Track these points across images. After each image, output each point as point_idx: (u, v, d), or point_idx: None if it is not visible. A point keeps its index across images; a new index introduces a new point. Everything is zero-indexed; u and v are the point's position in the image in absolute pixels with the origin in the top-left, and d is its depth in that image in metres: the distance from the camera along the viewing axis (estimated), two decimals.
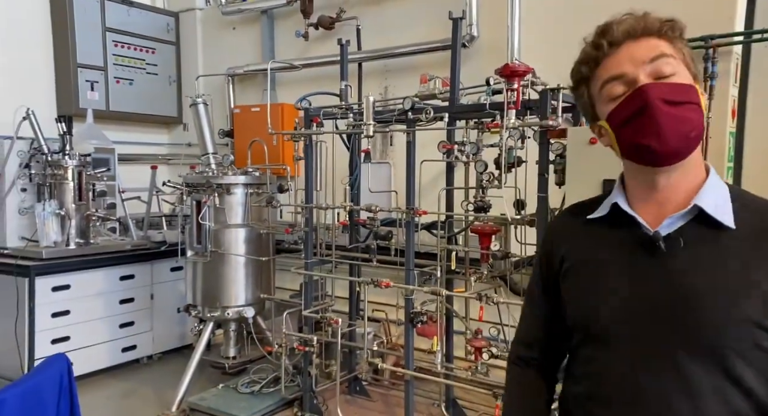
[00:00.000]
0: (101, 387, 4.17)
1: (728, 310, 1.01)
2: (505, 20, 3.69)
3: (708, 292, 1.03)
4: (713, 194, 1.08)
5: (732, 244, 1.05)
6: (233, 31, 5.19)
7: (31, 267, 3.82)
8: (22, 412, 1.41)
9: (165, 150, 5.58)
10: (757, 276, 1.02)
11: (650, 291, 1.07)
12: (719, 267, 1.04)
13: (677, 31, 1.09)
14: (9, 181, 4.04)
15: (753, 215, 1.07)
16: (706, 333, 1.02)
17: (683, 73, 1.06)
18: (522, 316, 1.37)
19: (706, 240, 1.06)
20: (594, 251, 1.17)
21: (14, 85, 4.48)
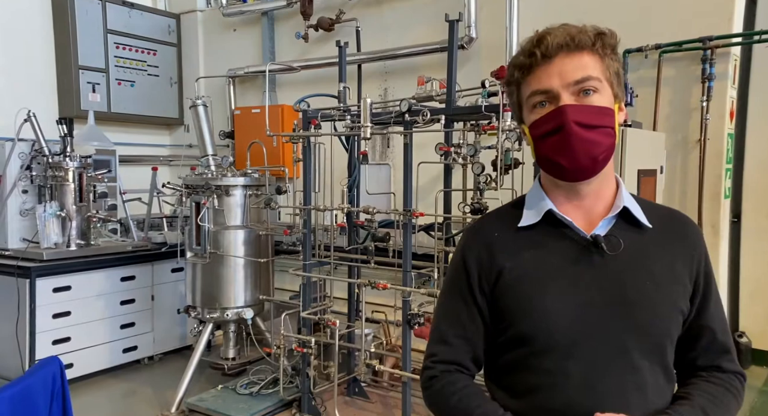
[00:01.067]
0: (102, 387, 4.18)
1: (667, 304, 1.13)
2: (503, 21, 3.69)
3: (649, 289, 1.12)
4: (628, 197, 1.19)
5: (652, 242, 1.17)
6: (234, 32, 5.21)
7: (32, 269, 3.84)
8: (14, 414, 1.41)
9: (167, 151, 5.60)
10: (677, 269, 1.16)
11: (599, 294, 1.12)
12: (650, 264, 1.15)
13: (608, 46, 1.13)
14: (10, 183, 4.06)
15: (653, 213, 1.20)
16: (654, 328, 1.12)
17: (606, 93, 1.12)
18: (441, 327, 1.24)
19: (633, 240, 1.15)
20: (535, 262, 1.16)
21: (16, 87, 4.51)
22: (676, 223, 1.23)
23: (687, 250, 1.19)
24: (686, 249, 1.19)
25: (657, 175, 2.73)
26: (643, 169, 2.52)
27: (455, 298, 1.21)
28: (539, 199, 1.18)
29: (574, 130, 1.07)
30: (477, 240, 1.22)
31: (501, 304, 1.16)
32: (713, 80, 3.17)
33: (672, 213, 1.26)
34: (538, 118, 1.11)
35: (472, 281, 1.19)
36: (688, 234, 1.21)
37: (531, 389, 1.13)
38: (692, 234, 1.22)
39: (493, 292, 1.18)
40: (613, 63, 1.13)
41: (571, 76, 1.09)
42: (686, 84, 3.33)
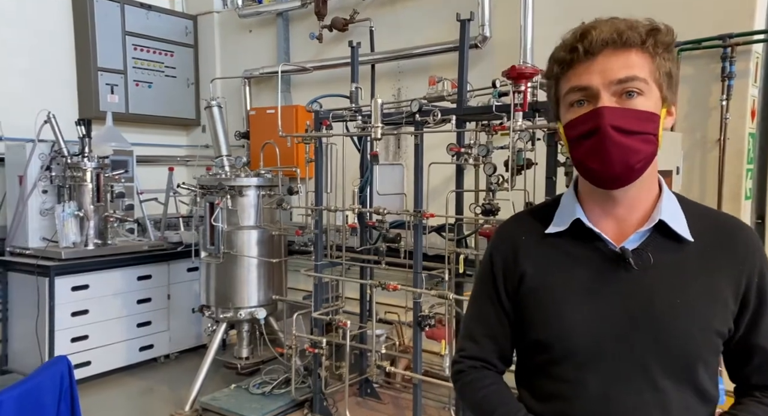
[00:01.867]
0: (119, 385, 4.24)
1: (699, 325, 1.05)
2: (518, 20, 3.64)
3: (679, 307, 1.05)
4: (670, 207, 1.09)
5: (691, 257, 1.08)
6: (250, 33, 5.24)
7: (51, 268, 3.91)
8: (20, 414, 1.43)
9: (184, 151, 5.66)
10: (719, 286, 1.06)
11: (623, 309, 1.06)
12: (685, 281, 1.06)
13: (661, 44, 1.04)
14: (31, 183, 4.14)
15: (700, 223, 1.11)
16: (680, 348, 1.04)
17: (652, 96, 1.04)
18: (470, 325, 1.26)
19: (669, 255, 1.07)
20: (559, 270, 1.13)
21: (39, 89, 4.58)
22: (725, 234, 1.11)
23: (734, 265, 1.08)
24: (733, 264, 1.08)
25: (672, 176, 2.67)
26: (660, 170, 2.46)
27: (483, 298, 1.23)
28: (570, 206, 1.14)
29: (611, 135, 1.00)
30: (505, 241, 1.21)
31: (522, 309, 1.16)
32: (733, 78, 3.09)
33: (723, 222, 1.14)
34: (573, 117, 1.06)
35: (498, 282, 1.19)
36: (737, 246, 1.09)
37: (552, 395, 1.12)
38: (742, 246, 1.10)
39: (516, 296, 1.17)
40: (666, 63, 1.04)
41: (614, 75, 1.01)
42: (705, 82, 3.25)
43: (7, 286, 4.26)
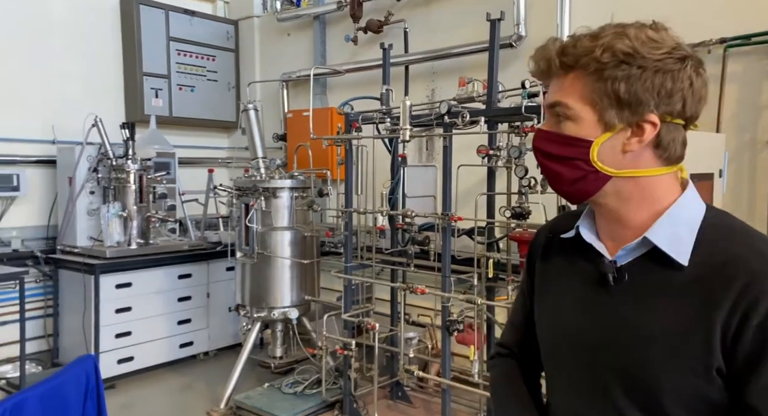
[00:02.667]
0: (160, 380, 4.38)
1: (667, 358, 0.92)
2: (554, 18, 3.55)
3: (649, 336, 0.94)
4: (671, 226, 0.96)
5: (679, 282, 0.94)
6: (288, 37, 5.31)
7: (96, 266, 4.08)
8: (44, 412, 1.49)
9: (225, 153, 5.79)
10: (696, 323, 0.90)
11: (596, 324, 1.02)
12: (662, 306, 0.95)
13: (594, 64, 0.93)
14: (79, 184, 4.33)
15: (709, 247, 0.94)
16: (643, 382, 0.95)
17: (584, 122, 0.96)
18: (510, 312, 1.38)
19: (654, 277, 0.97)
20: (558, 275, 1.12)
21: (89, 94, 4.78)
22: (729, 267, 0.91)
23: (725, 303, 0.89)
24: (724, 302, 0.90)
25: (714, 179, 2.53)
26: (697, 173, 2.34)
27: (520, 287, 1.29)
28: (585, 213, 1.11)
29: (537, 156, 1.03)
30: (538, 238, 1.23)
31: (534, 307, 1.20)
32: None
33: (739, 250, 0.93)
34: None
35: (529, 272, 1.23)
36: (736, 283, 0.89)
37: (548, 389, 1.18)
38: (744, 284, 0.89)
39: (531, 291, 1.21)
40: (606, 84, 0.92)
41: (547, 99, 1.01)
42: (755, 80, 3.08)
43: (58, 283, 4.48)
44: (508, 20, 3.63)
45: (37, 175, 4.54)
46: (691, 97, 0.93)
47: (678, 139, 0.97)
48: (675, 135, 0.96)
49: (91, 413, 1.72)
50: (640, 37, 0.92)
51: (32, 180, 4.48)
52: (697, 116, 0.98)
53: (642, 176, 0.97)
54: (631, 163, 0.96)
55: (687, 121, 0.98)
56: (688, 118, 0.97)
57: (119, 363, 4.24)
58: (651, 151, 0.96)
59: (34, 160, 4.52)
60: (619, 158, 0.96)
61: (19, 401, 1.43)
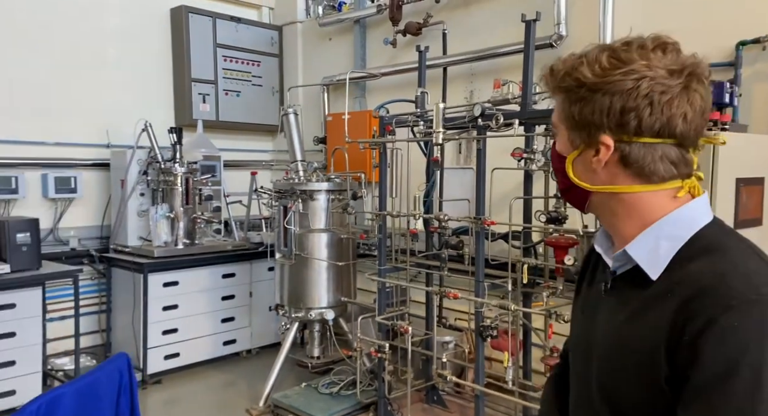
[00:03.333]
0: (204, 377, 4.53)
1: (626, 370, 0.95)
2: (596, 17, 3.45)
3: (614, 346, 0.99)
4: (654, 239, 0.96)
5: (645, 299, 0.95)
6: (329, 41, 5.38)
7: (144, 265, 4.25)
8: (79, 408, 1.57)
9: (269, 156, 5.92)
10: (652, 340, 0.90)
11: (583, 335, 1.09)
12: (630, 320, 0.96)
13: (563, 84, 0.97)
14: (130, 187, 4.53)
15: (685, 264, 0.92)
16: (611, 391, 0.99)
17: (561, 138, 1.04)
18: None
19: (629, 290, 0.99)
20: (588, 285, 1.16)
21: (141, 100, 4.99)
22: (681, 287, 0.89)
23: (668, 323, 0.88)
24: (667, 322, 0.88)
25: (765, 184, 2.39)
26: (745, 177, 2.22)
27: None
28: None
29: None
30: (592, 245, 1.25)
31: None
32: None
33: (691, 274, 0.90)
34: None
35: (577, 285, 1.27)
36: (678, 303, 0.88)
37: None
38: (681, 304, 0.87)
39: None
40: (569, 106, 0.97)
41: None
42: None
43: (111, 280, 4.70)
44: (548, 20, 3.58)
45: (93, 178, 4.77)
46: (649, 116, 0.91)
47: (658, 157, 0.94)
48: (651, 153, 0.94)
49: (124, 408, 1.80)
50: (599, 60, 0.93)
51: (88, 182, 4.72)
52: (679, 133, 0.93)
53: (621, 193, 0.98)
54: (608, 180, 0.98)
55: (674, 138, 0.93)
56: (666, 135, 0.93)
57: (166, 359, 4.41)
58: (621, 170, 0.96)
59: (90, 164, 4.75)
60: (592, 175, 0.99)
61: (55, 396, 1.52)
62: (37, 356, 3.88)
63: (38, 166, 4.46)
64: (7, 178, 4.23)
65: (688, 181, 0.98)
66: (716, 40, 3.06)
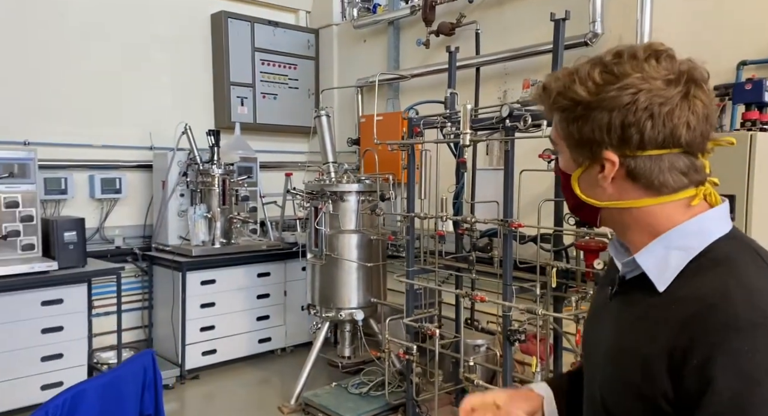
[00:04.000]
0: (240, 373, 4.63)
1: (624, 381, 0.94)
2: (634, 14, 3.34)
3: (612, 355, 0.98)
4: (664, 249, 0.94)
5: (649, 310, 0.93)
6: (364, 43, 5.41)
7: (183, 263, 4.38)
8: (103, 402, 1.64)
9: (305, 157, 6.00)
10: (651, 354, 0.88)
11: (600, 338, 1.05)
12: (632, 329, 0.95)
13: (556, 104, 0.96)
14: (171, 187, 4.68)
15: (692, 278, 0.90)
16: (604, 398, 0.99)
17: (563, 155, 1.01)
18: None
19: (634, 298, 0.98)
20: (601, 290, 1.15)
21: (182, 104, 5.14)
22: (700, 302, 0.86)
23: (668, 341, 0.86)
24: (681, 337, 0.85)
25: None
26: None
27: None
28: None
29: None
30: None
31: None
32: None
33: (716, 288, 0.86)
34: None
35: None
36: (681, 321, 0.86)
37: None
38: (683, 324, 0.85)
39: None
40: (569, 125, 0.94)
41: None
42: None
43: (152, 278, 4.87)
44: (583, 17, 3.49)
45: (136, 179, 4.95)
46: (651, 129, 0.89)
47: (666, 168, 0.91)
48: (658, 165, 0.91)
49: (149, 404, 1.86)
50: (592, 76, 0.91)
51: (132, 183, 4.90)
52: (684, 142, 0.90)
53: (631, 207, 0.95)
54: (616, 195, 0.96)
55: (680, 147, 0.90)
56: (672, 145, 0.90)
57: (203, 355, 4.54)
58: (630, 184, 0.94)
59: (134, 165, 4.93)
60: (599, 191, 0.97)
61: (80, 391, 1.58)
62: (83, 349, 4.06)
63: (86, 168, 4.66)
64: (58, 179, 4.44)
65: (702, 187, 0.95)
66: (756, 35, 2.92)
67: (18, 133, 4.29)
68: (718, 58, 2.95)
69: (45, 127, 4.44)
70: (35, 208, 3.90)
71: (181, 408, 4.15)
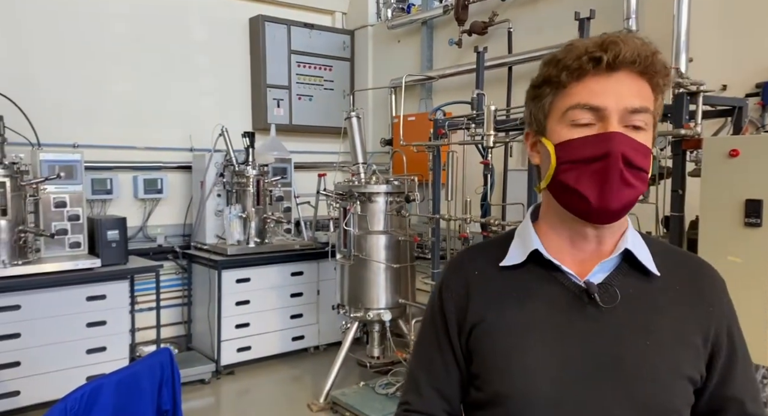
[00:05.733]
0: (273, 371, 4.73)
1: (671, 370, 0.93)
2: (670, 10, 3.22)
3: (649, 350, 0.93)
4: (635, 241, 1.00)
5: (659, 294, 0.98)
6: (398, 43, 5.41)
7: (219, 262, 4.51)
8: (120, 397, 1.71)
9: (339, 158, 6.05)
10: (688, 328, 0.97)
11: (588, 353, 0.94)
12: (654, 320, 0.95)
13: (667, 84, 0.97)
14: (208, 188, 4.83)
15: (666, 260, 1.01)
16: (653, 398, 0.92)
17: (650, 134, 0.95)
18: (415, 374, 1.12)
19: (636, 291, 0.96)
20: (517, 309, 0.99)
21: (221, 106, 5.29)
22: (692, 274, 1.03)
23: (703, 306, 1.00)
24: (702, 305, 1.00)
25: None
26: None
27: (431, 343, 1.09)
28: (527, 237, 1.02)
29: (618, 164, 0.89)
30: (456, 278, 1.08)
31: (476, 356, 1.02)
32: None
33: (689, 260, 1.07)
34: (576, 138, 0.92)
35: (449, 325, 1.05)
36: (705, 286, 1.02)
37: None
38: (711, 286, 1.02)
39: (468, 341, 1.03)
40: (660, 108, 0.98)
41: (629, 102, 0.90)
42: None
43: (191, 276, 5.04)
44: (617, 14, 3.40)
45: (177, 179, 5.12)
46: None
47: None
48: None
49: (166, 399, 1.93)
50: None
51: (173, 184, 5.07)
52: None
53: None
54: None
55: None
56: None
57: (238, 352, 4.66)
58: None
59: (174, 166, 5.10)
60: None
61: (97, 385, 1.66)
62: (125, 343, 4.23)
63: (130, 169, 4.86)
64: (103, 179, 4.65)
65: None
66: None
67: (67, 136, 4.51)
68: (758, 56, 2.81)
69: (92, 130, 4.65)
70: (82, 208, 4.10)
71: (217, 402, 4.28)
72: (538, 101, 1.02)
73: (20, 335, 3.70)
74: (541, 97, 1.01)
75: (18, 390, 3.70)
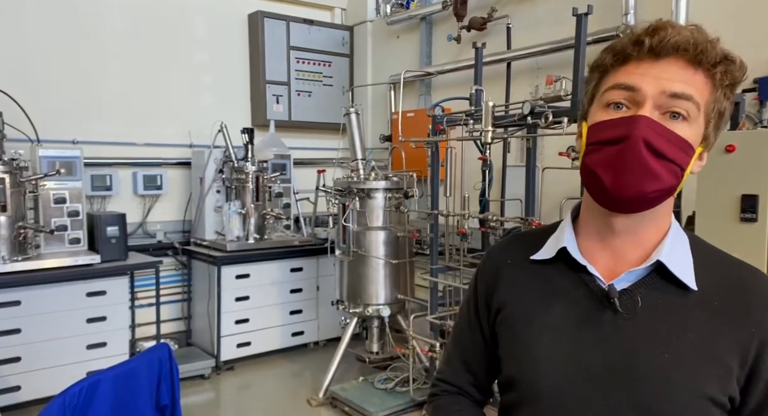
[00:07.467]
0: (273, 366, 4.75)
1: (688, 388, 0.87)
2: (669, 6, 3.21)
3: (665, 364, 0.88)
4: (675, 248, 0.95)
5: (691, 308, 0.92)
6: (397, 39, 5.40)
7: (218, 258, 4.52)
8: (118, 392, 1.72)
9: (339, 154, 6.05)
10: (720, 348, 0.89)
11: (601, 356, 0.93)
12: (678, 334, 0.90)
13: (730, 77, 0.89)
14: (207, 184, 4.83)
15: (712, 272, 0.95)
16: (661, 411, 0.88)
17: (696, 127, 0.89)
18: (450, 348, 1.23)
19: (664, 302, 0.91)
20: (539, 302, 1.01)
21: (220, 102, 5.29)
22: (742, 288, 0.93)
23: (746, 325, 0.90)
24: (745, 324, 0.90)
25: None
26: None
27: (464, 320, 1.18)
28: (562, 231, 1.03)
29: (638, 149, 0.85)
30: (491, 263, 1.14)
31: (500, 339, 1.08)
32: None
33: (742, 272, 0.96)
34: (605, 119, 0.90)
35: (479, 307, 1.13)
36: (753, 303, 0.92)
37: None
38: (763, 305, 0.92)
39: (493, 324, 1.09)
40: (724, 101, 0.90)
41: (669, 86, 0.86)
42: None
43: (191, 272, 5.05)
44: (615, 9, 3.39)
45: (176, 176, 5.12)
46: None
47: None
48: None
49: (165, 394, 1.94)
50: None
51: (173, 180, 5.07)
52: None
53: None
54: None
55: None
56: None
57: (238, 347, 4.67)
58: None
59: (174, 162, 5.10)
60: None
61: (95, 380, 1.68)
62: (125, 339, 4.24)
63: (129, 165, 4.86)
64: (103, 176, 4.65)
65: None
66: None
67: (67, 132, 4.51)
68: (758, 50, 2.81)
69: (92, 126, 4.65)
70: (81, 204, 4.10)
71: (217, 397, 4.30)
72: (586, 87, 1.00)
73: (20, 330, 3.72)
74: (589, 83, 0.99)
75: (18, 385, 3.72)
